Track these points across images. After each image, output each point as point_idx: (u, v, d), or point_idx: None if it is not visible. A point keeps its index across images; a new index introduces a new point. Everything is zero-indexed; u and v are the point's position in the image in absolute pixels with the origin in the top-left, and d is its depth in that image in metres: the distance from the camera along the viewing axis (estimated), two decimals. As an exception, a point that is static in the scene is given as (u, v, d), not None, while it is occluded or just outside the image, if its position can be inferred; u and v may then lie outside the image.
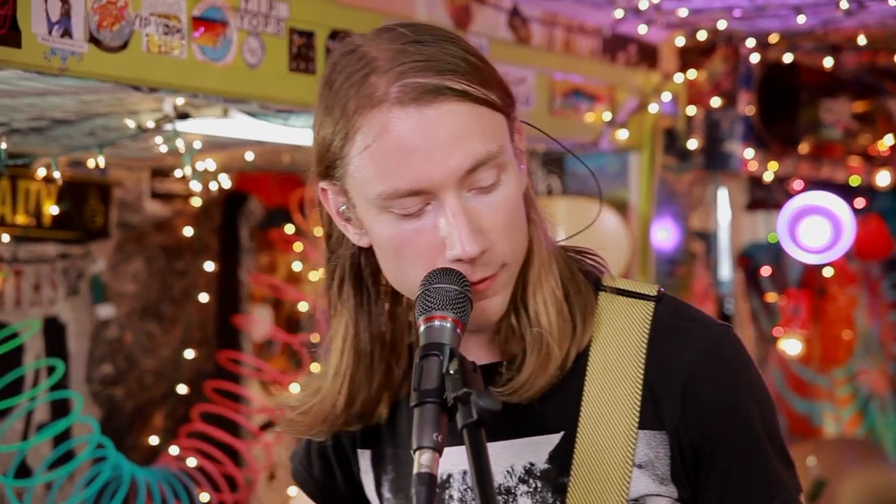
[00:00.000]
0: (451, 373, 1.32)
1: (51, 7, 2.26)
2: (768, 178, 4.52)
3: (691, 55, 4.18)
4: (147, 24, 2.42)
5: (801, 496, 1.53)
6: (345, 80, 1.43)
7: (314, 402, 1.57)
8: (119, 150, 3.30)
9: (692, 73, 4.16)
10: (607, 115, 3.83)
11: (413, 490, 1.28)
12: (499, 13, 3.45)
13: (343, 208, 1.49)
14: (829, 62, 4.31)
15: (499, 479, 1.52)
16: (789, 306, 4.51)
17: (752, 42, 4.14)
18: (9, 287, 3.68)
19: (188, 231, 4.07)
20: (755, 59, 4.27)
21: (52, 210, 3.72)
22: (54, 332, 3.82)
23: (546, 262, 1.50)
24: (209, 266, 4.11)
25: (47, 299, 3.81)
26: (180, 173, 3.13)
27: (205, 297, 4.13)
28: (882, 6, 3.54)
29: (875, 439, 5.41)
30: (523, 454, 1.50)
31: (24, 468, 3.51)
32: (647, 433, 1.49)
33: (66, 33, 2.28)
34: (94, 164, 3.08)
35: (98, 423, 3.51)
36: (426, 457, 1.28)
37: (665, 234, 4.15)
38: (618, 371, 1.50)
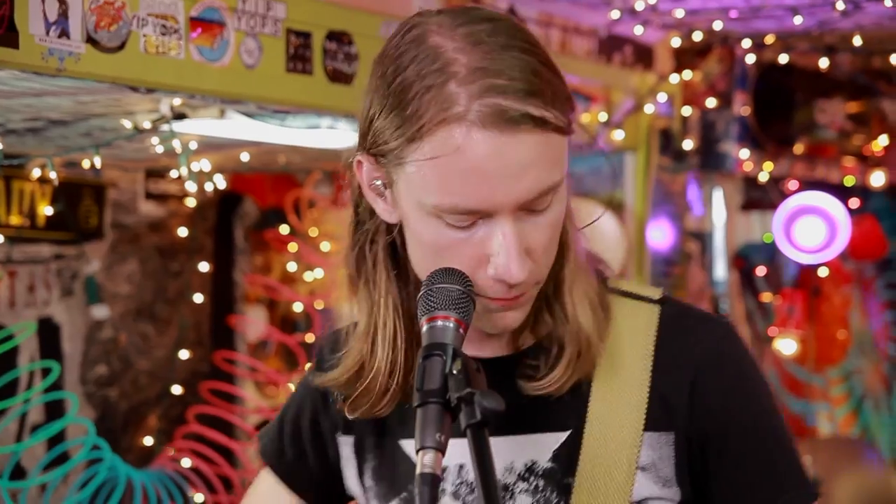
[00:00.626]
0: (455, 373, 1.33)
1: (48, 7, 2.24)
2: (763, 178, 4.52)
3: (687, 56, 4.18)
4: (144, 25, 2.41)
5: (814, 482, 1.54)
6: (417, 75, 1.39)
7: (369, 378, 1.54)
8: (115, 151, 3.28)
9: (688, 74, 4.17)
10: (603, 116, 3.83)
11: (416, 490, 1.27)
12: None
13: (377, 183, 1.48)
14: (824, 63, 4.31)
15: (496, 475, 1.50)
16: (784, 306, 4.52)
17: (748, 43, 4.16)
18: (3, 288, 3.69)
19: (183, 232, 4.07)
20: (751, 59, 4.28)
21: (47, 211, 3.73)
22: (49, 333, 3.82)
23: (581, 263, 1.52)
24: (204, 267, 4.14)
25: (41, 300, 3.81)
26: (175, 174, 3.13)
27: (199, 298, 4.14)
28: (878, 7, 3.55)
29: (869, 438, 5.42)
30: (525, 451, 1.50)
31: (19, 470, 3.51)
32: (652, 435, 1.50)
33: (64, 34, 2.27)
34: (90, 164, 3.08)
35: (93, 424, 3.49)
36: (429, 457, 1.28)
37: (660, 235, 4.15)
38: (625, 372, 1.52)
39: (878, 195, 5.16)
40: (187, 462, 3.75)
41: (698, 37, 4.05)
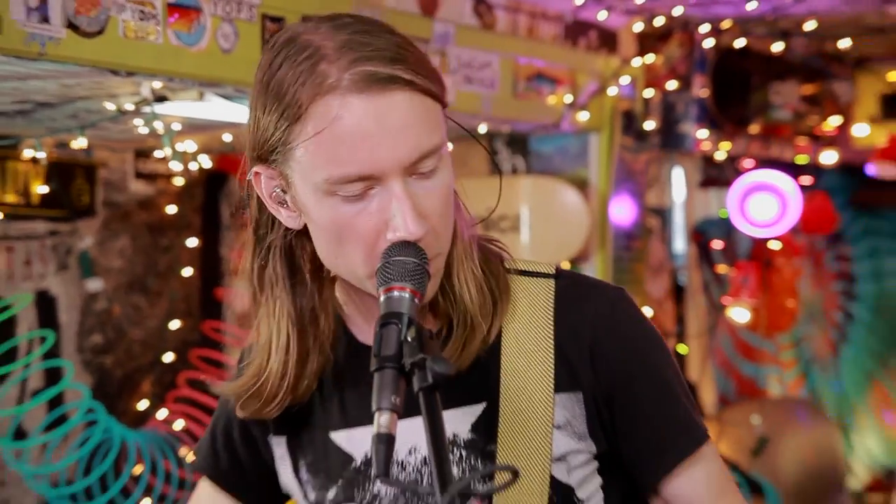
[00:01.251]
0: (409, 340, 1.33)
1: (29, -7, 2.24)
2: (720, 157, 4.51)
3: (649, 40, 4.16)
4: (123, 10, 2.41)
5: (705, 426, 1.58)
6: (290, 68, 1.40)
7: (259, 382, 1.55)
8: (101, 133, 3.32)
9: (649, 58, 4.14)
10: (569, 98, 3.81)
11: (372, 449, 1.27)
12: (465, 0, 3.40)
13: (277, 192, 1.46)
14: (779, 47, 4.32)
15: (423, 450, 1.53)
16: (738, 277, 4.55)
17: (707, 28, 4.13)
18: (1, 262, 3.69)
19: (171, 209, 4.08)
20: (709, 44, 4.25)
21: (41, 189, 3.74)
22: (45, 305, 3.83)
23: (467, 246, 1.53)
24: (192, 242, 4.13)
25: (38, 274, 3.82)
26: (161, 154, 3.13)
27: (188, 272, 4.17)
28: (828, -6, 3.52)
29: (816, 400, 5.47)
30: (446, 425, 1.47)
31: (21, 431, 3.54)
32: (562, 396, 1.52)
33: (44, 19, 2.26)
34: (83, 145, 3.07)
35: (89, 389, 3.57)
36: (385, 418, 1.28)
37: (622, 211, 4.13)
38: (530, 344, 1.54)
39: (829, 173, 5.18)
40: (179, 424, 3.76)
41: (660, 22, 4.04)
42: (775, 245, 4.78)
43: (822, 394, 5.53)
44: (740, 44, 4.29)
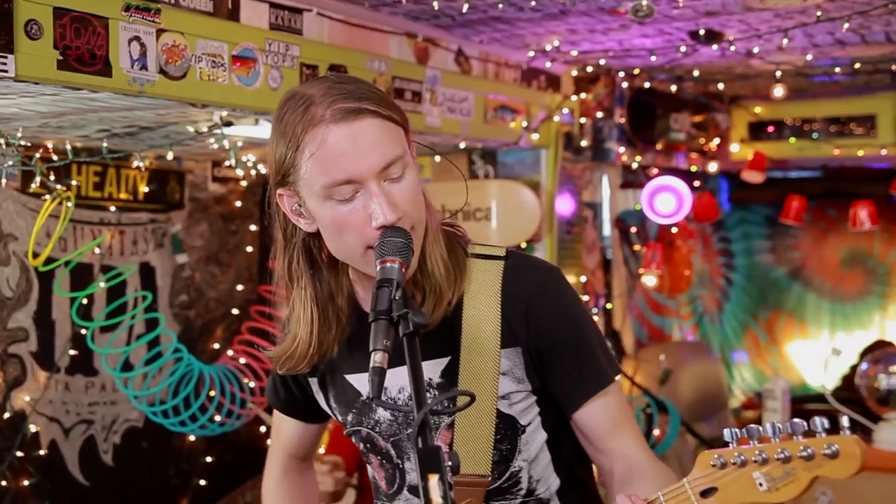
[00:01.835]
0: (397, 299, 1.32)
1: (133, 49, 2.26)
2: (635, 166, 4.52)
3: (582, 82, 4.16)
4: (200, 61, 2.42)
5: (618, 377, 1.56)
6: (291, 113, 1.42)
7: (293, 348, 1.54)
8: (186, 148, 3.29)
9: (584, 95, 4.15)
10: (524, 123, 3.81)
11: (368, 378, 1.27)
12: (448, 53, 3.42)
13: (295, 206, 1.46)
14: (674, 88, 4.31)
15: (409, 390, 1.48)
16: (649, 253, 4.52)
17: (623, 74, 4.14)
18: (115, 242, 3.70)
19: (238, 203, 4.08)
20: (625, 85, 4.26)
21: (145, 189, 3.76)
22: (147, 273, 3.85)
23: (436, 235, 1.51)
24: (253, 227, 4.14)
25: (142, 251, 3.82)
26: (229, 163, 3.11)
27: (250, 249, 4.16)
28: (707, 50, 3.54)
29: (707, 342, 5.47)
30: (424, 373, 1.47)
31: (128, 364, 3.55)
32: (506, 350, 1.51)
33: (143, 67, 2.28)
34: (172, 157, 3.06)
35: (176, 334, 3.55)
36: (378, 356, 1.28)
37: (565, 205, 4.15)
38: (483, 311, 1.51)
39: (713, 178, 5.18)
40: (242, 360, 3.76)
41: (590, 69, 4.04)
42: (674, 230, 4.80)
43: (710, 338, 5.53)
44: (647, 85, 4.32)
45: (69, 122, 2.68)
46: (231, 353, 3.80)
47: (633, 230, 4.75)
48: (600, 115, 4.26)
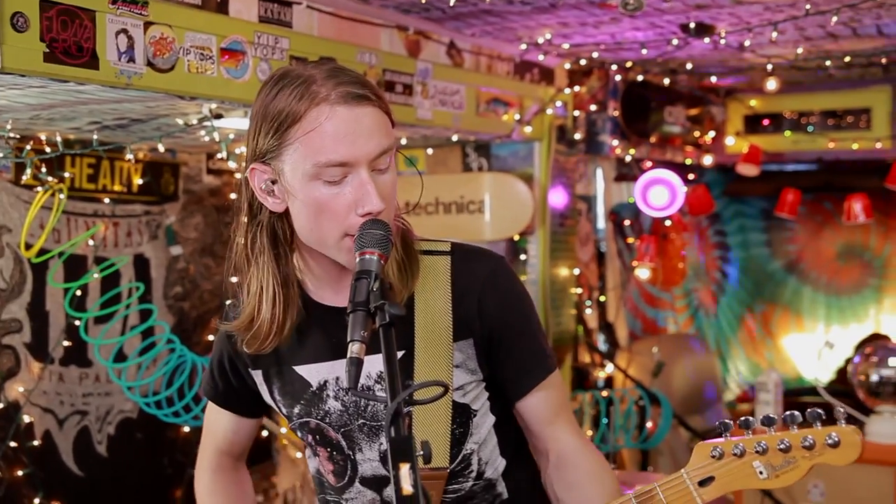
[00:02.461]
0: (374, 290, 1.32)
1: (120, 42, 2.25)
2: (628, 159, 4.53)
3: (576, 76, 4.17)
4: (188, 53, 2.42)
5: (554, 359, 1.59)
6: (287, 90, 1.40)
7: (257, 326, 1.51)
8: (179, 140, 3.28)
9: (577, 88, 4.15)
10: (517, 116, 3.81)
11: (346, 369, 1.26)
12: (440, 45, 3.42)
13: (266, 184, 1.44)
14: (667, 81, 4.31)
15: (361, 381, 1.49)
16: (643, 246, 4.53)
17: (616, 67, 4.14)
18: (109, 234, 3.69)
19: (233, 195, 3.94)
20: (619, 78, 4.27)
21: (139, 181, 3.74)
22: (141, 264, 3.83)
23: (394, 234, 1.48)
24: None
25: (136, 242, 3.81)
26: (221, 155, 3.11)
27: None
28: (700, 44, 3.54)
29: (701, 335, 5.47)
30: (375, 366, 1.49)
31: (121, 355, 3.54)
32: (458, 343, 1.51)
33: (131, 60, 2.28)
34: (166, 149, 3.04)
35: (170, 325, 3.53)
36: (356, 346, 1.27)
37: (558, 197, 4.16)
38: (435, 306, 1.51)
39: (708, 171, 5.18)
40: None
41: (583, 62, 4.04)
42: (668, 223, 4.80)
43: (705, 331, 5.54)
44: (641, 78, 4.32)
45: (59, 114, 2.68)
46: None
47: (628, 223, 4.75)
48: (594, 107, 4.26)
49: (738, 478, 1.39)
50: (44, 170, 2.93)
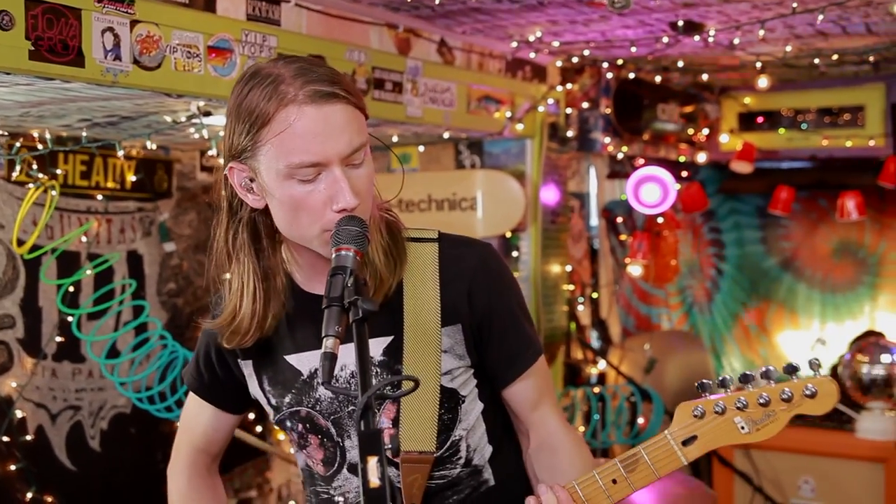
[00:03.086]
0: (349, 286, 1.33)
1: (106, 39, 2.26)
2: (621, 156, 4.53)
3: (568, 73, 4.17)
4: (175, 51, 2.42)
5: (540, 344, 1.62)
6: (256, 90, 1.41)
7: (237, 322, 1.53)
8: (169, 138, 3.29)
9: (569, 85, 4.16)
10: (509, 114, 3.82)
11: (320, 363, 1.28)
12: (431, 43, 3.43)
13: (245, 182, 1.46)
14: (658, 78, 4.31)
15: (350, 367, 1.53)
16: (635, 243, 4.53)
17: (607, 64, 4.14)
18: (102, 231, 3.70)
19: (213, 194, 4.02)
20: (611, 76, 4.27)
21: (132, 178, 3.74)
22: (134, 261, 3.84)
23: (377, 222, 1.52)
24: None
25: (129, 239, 3.82)
26: (210, 153, 3.12)
27: None
28: (691, 41, 3.55)
29: (696, 332, 5.48)
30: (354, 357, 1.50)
31: (114, 351, 3.55)
32: (447, 329, 1.53)
33: (117, 57, 2.28)
34: (159, 146, 3.04)
35: (161, 322, 3.54)
36: (330, 341, 1.29)
37: (549, 195, 4.16)
38: (424, 293, 1.53)
39: (702, 168, 5.18)
40: (229, 347, 3.76)
41: (575, 60, 4.05)
42: (660, 220, 4.80)
43: (700, 328, 5.54)
44: (632, 76, 4.32)
45: (49, 111, 2.69)
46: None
47: (620, 220, 4.75)
48: (586, 105, 4.25)
49: (720, 435, 1.43)
50: (34, 166, 2.94)
